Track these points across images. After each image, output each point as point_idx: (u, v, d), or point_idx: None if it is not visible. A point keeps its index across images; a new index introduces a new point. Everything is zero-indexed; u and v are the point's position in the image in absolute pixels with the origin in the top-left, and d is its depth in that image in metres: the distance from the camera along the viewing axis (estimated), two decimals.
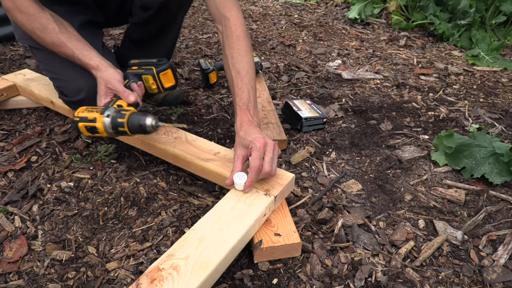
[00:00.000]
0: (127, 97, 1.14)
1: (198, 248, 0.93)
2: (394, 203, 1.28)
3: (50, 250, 1.06)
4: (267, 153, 1.06)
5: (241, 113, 1.15)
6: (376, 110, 1.85)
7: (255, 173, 1.04)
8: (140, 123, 1.08)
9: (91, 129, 1.10)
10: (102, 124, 1.09)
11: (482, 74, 2.30)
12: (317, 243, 1.10)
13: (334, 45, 2.69)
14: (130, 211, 1.20)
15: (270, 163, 1.06)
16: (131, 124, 1.09)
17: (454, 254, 1.09)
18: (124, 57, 1.71)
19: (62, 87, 1.36)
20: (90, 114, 1.11)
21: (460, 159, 1.42)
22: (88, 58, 1.17)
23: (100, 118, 1.09)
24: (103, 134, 1.11)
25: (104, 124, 1.09)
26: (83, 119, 1.10)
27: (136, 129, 1.09)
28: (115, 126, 1.09)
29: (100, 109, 1.11)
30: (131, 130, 1.10)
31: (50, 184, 1.29)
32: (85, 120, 1.10)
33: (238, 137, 1.12)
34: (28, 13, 1.14)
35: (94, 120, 1.09)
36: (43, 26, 1.15)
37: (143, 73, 1.22)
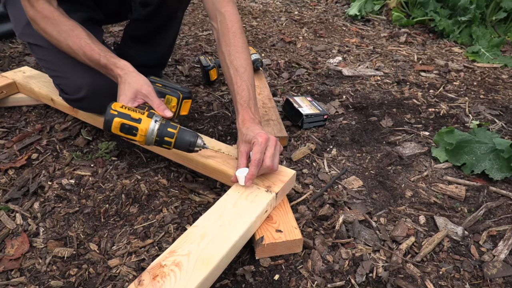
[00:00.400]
0: (164, 111, 1.07)
1: (200, 244, 0.93)
2: (395, 199, 1.28)
3: (52, 247, 1.06)
4: (269, 148, 1.07)
5: (242, 111, 1.16)
6: (376, 106, 1.85)
7: (255, 166, 1.05)
8: (190, 140, 1.04)
9: (129, 129, 1.01)
10: (147, 127, 1.01)
11: (483, 70, 2.29)
12: (318, 239, 1.10)
13: (334, 42, 2.69)
14: (131, 208, 1.21)
15: (271, 158, 1.06)
16: (180, 138, 1.04)
17: (455, 250, 1.09)
18: (124, 54, 1.71)
19: (62, 84, 1.36)
20: (133, 113, 1.02)
21: (461, 155, 1.43)
22: (116, 59, 1.12)
23: (146, 121, 1.01)
24: (140, 138, 1.03)
25: (150, 129, 1.01)
26: (123, 115, 1.01)
27: (183, 145, 1.05)
28: (162, 135, 1.03)
29: (143, 111, 1.03)
30: (177, 145, 1.05)
31: (51, 181, 1.29)
32: (126, 117, 1.01)
33: (241, 134, 1.13)
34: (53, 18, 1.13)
35: (138, 121, 1.01)
36: (70, 29, 1.13)
37: (168, 93, 1.18)
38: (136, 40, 1.63)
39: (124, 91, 1.08)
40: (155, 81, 1.21)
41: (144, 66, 1.66)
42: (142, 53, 1.66)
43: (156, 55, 1.70)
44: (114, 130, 1.02)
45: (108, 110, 1.01)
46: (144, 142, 1.05)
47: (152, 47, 1.65)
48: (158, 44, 1.65)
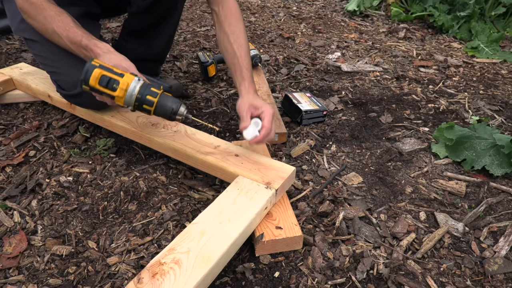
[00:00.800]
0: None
1: (200, 242, 0.92)
2: (395, 195, 1.28)
3: (50, 245, 1.05)
4: (273, 121, 1.19)
5: (249, 82, 1.26)
6: (376, 102, 1.84)
7: (267, 132, 1.15)
8: (172, 106, 1.00)
9: (110, 81, 0.96)
10: (129, 82, 0.97)
11: (482, 66, 2.29)
12: (318, 236, 1.09)
13: (333, 38, 2.67)
14: (130, 206, 1.20)
15: (274, 131, 1.19)
16: (161, 106, 1.00)
17: (456, 246, 1.08)
18: (122, 50, 1.69)
19: (59, 80, 1.34)
20: (115, 68, 0.98)
21: (461, 151, 1.42)
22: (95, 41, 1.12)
23: (129, 77, 0.97)
24: (119, 93, 0.97)
25: (131, 85, 0.97)
26: (105, 68, 0.97)
27: (164, 111, 1.00)
28: (144, 94, 0.98)
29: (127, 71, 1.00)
30: (157, 109, 1.00)
31: (49, 178, 1.28)
32: (108, 70, 0.96)
33: (248, 98, 1.22)
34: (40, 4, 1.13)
35: (120, 75, 0.97)
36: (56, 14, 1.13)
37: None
38: (135, 34, 1.61)
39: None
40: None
41: (143, 60, 1.65)
42: (141, 47, 1.64)
43: (155, 49, 1.67)
44: (92, 82, 0.97)
45: (89, 62, 0.97)
46: (123, 101, 1.00)
47: (151, 40, 1.63)
48: (158, 37, 1.63)
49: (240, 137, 1.54)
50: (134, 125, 1.35)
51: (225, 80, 2.01)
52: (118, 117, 1.38)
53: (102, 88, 0.99)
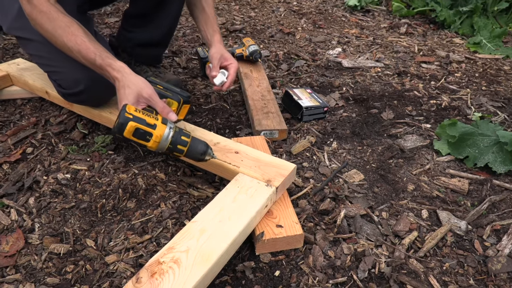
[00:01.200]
0: (168, 114, 1.07)
1: (199, 240, 0.91)
2: (397, 193, 1.26)
3: (48, 243, 1.04)
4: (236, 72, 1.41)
5: (219, 34, 1.46)
6: (377, 98, 1.82)
7: (232, 80, 1.40)
8: (203, 149, 1.05)
9: (143, 134, 0.99)
10: (162, 134, 1.00)
11: (484, 62, 2.26)
12: (319, 234, 1.08)
13: (334, 33, 2.65)
14: (129, 203, 1.18)
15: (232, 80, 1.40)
16: (193, 147, 1.04)
17: (458, 245, 1.07)
18: (125, 40, 1.67)
19: (59, 79, 1.32)
20: (148, 118, 0.99)
21: (463, 148, 1.40)
22: (112, 59, 1.09)
23: (161, 127, 1.00)
24: (153, 144, 1.01)
25: (164, 136, 1.00)
26: (138, 120, 0.98)
27: (195, 154, 1.05)
28: (176, 143, 1.01)
29: (157, 116, 1.02)
30: (189, 153, 1.04)
31: (47, 176, 1.27)
32: (141, 122, 0.98)
33: (219, 48, 1.41)
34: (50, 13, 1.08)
35: (153, 126, 0.99)
36: (66, 25, 1.08)
37: (170, 96, 1.15)
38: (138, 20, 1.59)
39: (125, 95, 1.05)
40: (156, 82, 1.18)
41: (147, 45, 1.63)
42: (144, 33, 1.62)
43: (160, 31, 1.64)
44: (127, 134, 0.99)
45: (122, 113, 0.98)
46: (156, 148, 1.03)
47: (156, 22, 1.60)
48: (163, 17, 1.60)
49: (240, 134, 1.52)
50: None
51: None
52: (116, 114, 1.36)
53: (136, 139, 1.01)
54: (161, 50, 1.76)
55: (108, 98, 1.39)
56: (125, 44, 1.69)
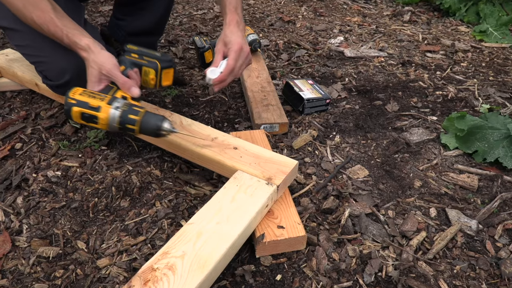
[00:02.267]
0: (130, 89, 1.02)
1: (196, 244, 0.85)
2: (403, 190, 1.20)
3: (36, 246, 0.98)
4: (240, 58, 1.12)
5: (230, 14, 1.18)
6: (381, 90, 1.76)
7: (228, 71, 1.11)
8: (157, 124, 0.98)
9: (89, 117, 0.96)
10: (107, 115, 0.96)
11: (491, 50, 2.19)
12: (323, 235, 1.03)
13: (335, 21, 2.56)
14: (122, 202, 1.13)
15: (239, 68, 1.14)
16: (145, 124, 0.98)
17: (469, 245, 1.02)
18: (116, 28, 1.60)
19: (45, 70, 1.25)
20: (91, 100, 0.96)
21: (472, 142, 1.35)
22: (79, 38, 1.04)
23: (106, 109, 0.96)
24: (102, 127, 0.98)
25: (110, 117, 0.96)
26: (81, 104, 0.95)
27: (150, 130, 0.99)
28: (124, 122, 0.97)
29: (104, 96, 0.98)
30: (142, 130, 0.99)
31: (36, 173, 1.20)
32: (84, 105, 0.95)
33: (223, 34, 1.15)
34: None
35: (97, 109, 0.95)
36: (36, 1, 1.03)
37: (145, 64, 1.09)
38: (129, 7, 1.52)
39: (89, 75, 1.02)
40: (131, 50, 1.11)
41: (140, 34, 1.56)
42: (136, 21, 1.55)
43: (152, 19, 1.57)
44: (76, 120, 0.98)
45: (66, 99, 0.96)
46: (109, 130, 1.01)
47: (148, 9, 1.53)
48: (154, 5, 1.53)
49: (239, 127, 1.46)
50: None
51: None
52: None
53: (86, 123, 0.99)
54: (154, 38, 1.69)
55: None
56: (117, 34, 1.62)
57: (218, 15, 2.57)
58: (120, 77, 1.02)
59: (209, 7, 2.74)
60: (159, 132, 0.99)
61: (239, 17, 1.18)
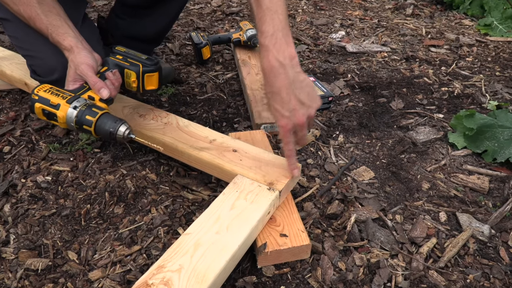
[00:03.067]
0: (99, 90, 0.99)
1: (193, 257, 0.80)
2: (411, 192, 1.15)
3: (24, 258, 0.92)
4: (298, 132, 0.89)
5: (264, 51, 0.86)
6: (385, 86, 1.70)
7: (288, 158, 0.94)
8: (110, 130, 0.96)
9: (49, 114, 0.97)
10: (65, 114, 0.96)
11: (496, 45, 2.13)
12: (328, 242, 0.97)
13: (336, 15, 2.50)
14: (116, 209, 1.07)
15: (302, 140, 0.92)
16: (99, 127, 0.97)
17: (482, 252, 0.97)
18: (113, 25, 1.51)
19: (34, 65, 1.19)
20: (53, 97, 0.96)
21: (481, 141, 1.29)
22: (62, 37, 1.01)
23: (64, 107, 0.95)
24: (62, 125, 0.99)
25: (68, 116, 0.96)
26: (42, 100, 0.97)
27: (104, 134, 0.97)
28: (80, 122, 0.96)
29: (68, 95, 0.97)
30: (97, 133, 0.98)
31: (25, 178, 1.15)
32: (45, 102, 0.96)
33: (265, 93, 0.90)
34: None
35: (56, 107, 0.96)
36: None
37: (127, 67, 1.06)
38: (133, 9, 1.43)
39: (68, 73, 1.02)
40: (118, 52, 1.10)
41: (136, 39, 1.48)
42: (135, 26, 1.46)
43: (152, 30, 1.49)
44: (39, 115, 0.99)
45: (31, 95, 0.98)
46: (68, 128, 1.03)
47: (153, 17, 1.44)
48: (160, 14, 1.44)
49: (238, 127, 1.40)
50: (119, 116, 1.20)
51: (221, 63, 1.85)
52: None
53: (47, 119, 1.00)
54: (151, 47, 1.60)
55: None
56: (114, 31, 1.55)
57: (216, 10, 2.50)
58: (92, 78, 0.99)
59: (206, 1, 2.66)
60: (114, 136, 0.97)
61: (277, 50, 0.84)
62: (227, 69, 1.80)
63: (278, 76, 0.84)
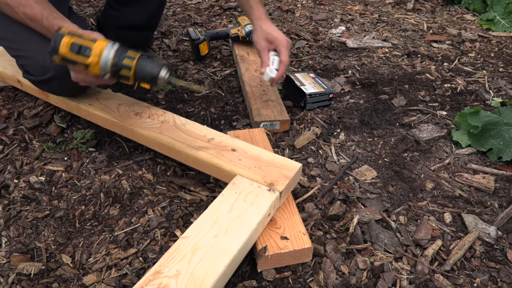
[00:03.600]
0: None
1: (191, 261, 0.77)
2: (415, 192, 1.12)
3: (16, 262, 0.89)
4: (289, 52, 1.24)
5: (257, 7, 1.25)
6: (386, 82, 1.66)
7: (285, 67, 1.25)
8: (152, 72, 0.88)
9: (81, 48, 0.86)
10: (102, 48, 0.86)
11: (499, 40, 2.10)
12: (330, 244, 0.94)
13: (336, 10, 2.46)
14: (112, 210, 1.04)
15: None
16: (140, 70, 0.88)
17: (489, 255, 0.94)
18: (109, 19, 1.50)
19: (26, 65, 1.15)
20: (86, 34, 0.88)
21: (486, 140, 1.26)
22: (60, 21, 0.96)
23: (102, 43, 0.86)
24: (93, 59, 0.87)
25: (105, 51, 0.86)
26: (74, 34, 0.87)
27: (145, 77, 0.88)
28: (119, 62, 0.87)
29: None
30: (137, 76, 0.88)
31: (18, 179, 1.11)
32: (78, 36, 0.86)
33: (261, 31, 1.26)
34: None
35: (93, 40, 0.86)
36: None
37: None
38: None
39: None
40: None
41: (134, 28, 1.47)
42: (130, 14, 1.46)
43: (146, 14, 1.49)
44: (63, 50, 0.86)
45: (56, 32, 0.88)
46: (98, 68, 0.88)
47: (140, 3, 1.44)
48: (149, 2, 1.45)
49: (237, 125, 1.37)
50: (115, 114, 1.17)
51: (219, 59, 1.81)
52: (96, 106, 1.20)
53: (74, 56, 0.87)
54: (147, 34, 1.59)
55: (84, 88, 1.22)
56: (109, 22, 1.52)
57: (213, 5, 2.46)
58: None
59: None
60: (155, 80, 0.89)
61: (264, 10, 1.25)
62: (225, 65, 1.76)
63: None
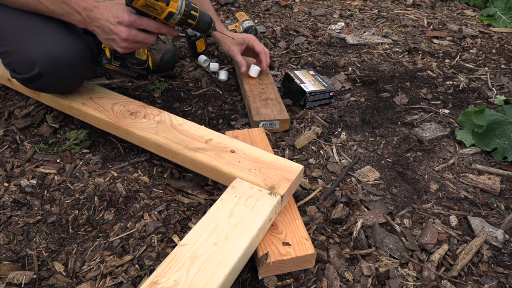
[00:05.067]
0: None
1: (190, 271, 0.73)
2: (419, 194, 1.09)
3: (6, 271, 0.85)
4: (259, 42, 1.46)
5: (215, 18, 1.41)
6: (387, 80, 1.63)
7: (267, 55, 1.46)
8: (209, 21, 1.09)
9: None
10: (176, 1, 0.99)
11: (500, 36, 2.07)
12: (333, 250, 0.91)
13: (335, 5, 2.41)
14: (106, 214, 1.00)
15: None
16: (201, 19, 1.06)
17: (497, 260, 0.91)
18: None
19: (13, 62, 1.09)
20: None
21: (491, 139, 1.23)
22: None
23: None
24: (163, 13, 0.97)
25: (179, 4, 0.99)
26: None
27: (205, 20, 1.08)
28: (189, 8, 1.02)
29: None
30: (200, 20, 1.06)
31: (8, 182, 1.07)
32: None
33: (227, 40, 1.46)
34: None
35: None
36: None
37: None
38: None
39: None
40: None
41: None
42: None
43: None
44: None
45: None
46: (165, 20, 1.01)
47: None
48: None
49: (236, 125, 1.33)
50: (109, 114, 1.13)
51: (216, 56, 1.77)
52: (89, 105, 1.16)
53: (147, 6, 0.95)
54: None
55: (76, 84, 1.17)
56: None
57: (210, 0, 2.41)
58: None
59: None
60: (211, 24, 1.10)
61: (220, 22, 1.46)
62: (222, 62, 1.72)
63: None
